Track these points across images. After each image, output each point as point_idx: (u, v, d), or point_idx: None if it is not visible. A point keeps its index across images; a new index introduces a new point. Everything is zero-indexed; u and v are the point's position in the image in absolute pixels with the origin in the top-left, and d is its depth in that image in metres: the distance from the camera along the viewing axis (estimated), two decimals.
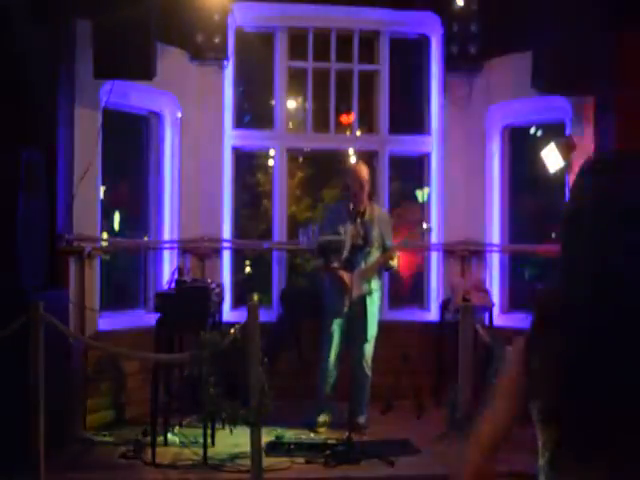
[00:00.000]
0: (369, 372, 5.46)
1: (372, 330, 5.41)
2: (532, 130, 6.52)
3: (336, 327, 5.41)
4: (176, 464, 4.66)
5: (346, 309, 5.28)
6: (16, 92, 4.85)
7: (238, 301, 6.55)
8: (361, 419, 5.40)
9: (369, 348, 5.42)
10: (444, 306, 6.32)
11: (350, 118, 6.87)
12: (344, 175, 5.56)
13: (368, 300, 5.25)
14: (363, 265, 5.32)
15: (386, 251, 5.42)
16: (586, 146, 5.73)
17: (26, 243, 4.51)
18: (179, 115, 6.28)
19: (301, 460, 4.70)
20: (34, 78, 4.93)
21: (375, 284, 5.41)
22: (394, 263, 5.47)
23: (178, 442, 5.06)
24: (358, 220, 5.28)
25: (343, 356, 5.49)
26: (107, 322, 5.66)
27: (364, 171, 5.41)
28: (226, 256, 6.48)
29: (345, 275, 5.29)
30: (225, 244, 6.44)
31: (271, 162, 6.93)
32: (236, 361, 4.42)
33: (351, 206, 5.36)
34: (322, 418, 5.45)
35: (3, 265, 4.44)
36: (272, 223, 6.66)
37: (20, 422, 4.13)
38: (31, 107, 4.92)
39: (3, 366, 4.26)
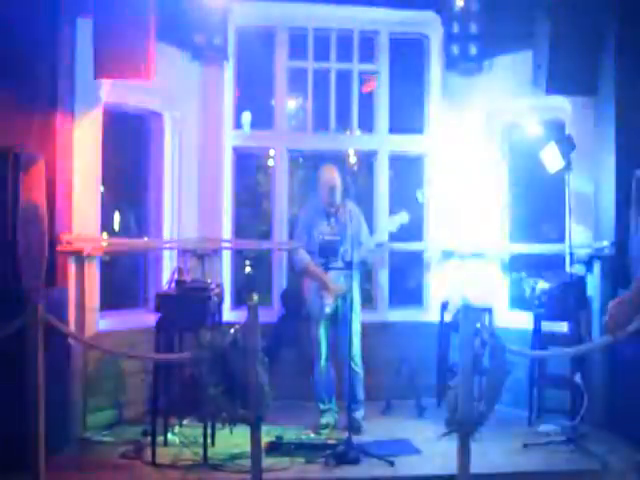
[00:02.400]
0: (358, 369, 5.46)
1: (355, 326, 5.41)
2: (532, 130, 6.52)
3: (322, 329, 5.45)
4: (176, 464, 4.66)
5: (328, 309, 5.36)
6: (16, 91, 4.85)
7: (238, 301, 6.55)
8: (358, 415, 5.40)
9: (355, 344, 5.43)
10: (444, 306, 6.32)
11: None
12: (316, 177, 5.68)
13: (347, 297, 5.27)
14: (335, 262, 5.35)
15: (361, 246, 5.48)
16: (586, 146, 5.74)
17: (26, 243, 4.50)
18: (179, 115, 6.28)
19: (301, 460, 4.70)
20: (34, 77, 4.93)
21: (353, 280, 5.41)
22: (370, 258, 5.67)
23: (178, 442, 5.06)
24: (332, 220, 5.45)
25: (334, 356, 5.51)
26: (107, 322, 5.66)
27: (332, 174, 5.51)
28: (226, 256, 6.48)
29: (323, 275, 5.36)
30: (225, 244, 6.44)
31: (271, 162, 6.93)
32: (236, 361, 4.42)
33: (323, 206, 5.53)
34: (324, 420, 5.45)
35: (3, 265, 4.43)
36: (272, 223, 6.66)
37: (20, 422, 4.12)
38: (31, 106, 4.91)
39: (3, 366, 4.26)
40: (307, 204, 5.85)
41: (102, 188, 5.74)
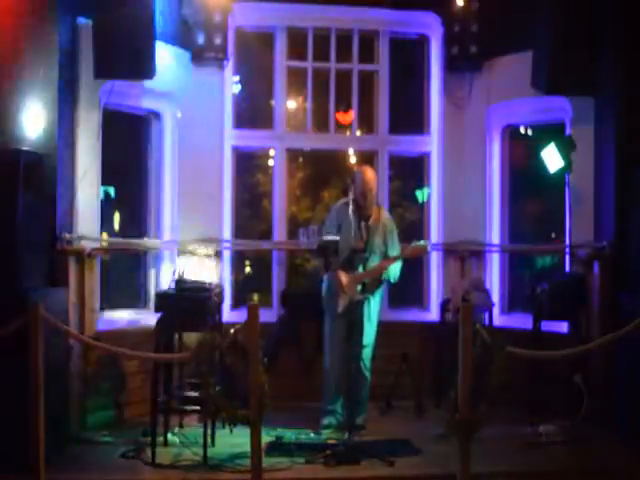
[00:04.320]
0: (368, 375, 5.44)
1: (370, 335, 5.37)
2: (532, 130, 6.53)
3: (336, 329, 5.38)
4: (176, 464, 4.65)
5: (340, 310, 5.24)
6: (17, 91, 4.85)
7: (238, 301, 6.56)
8: (359, 419, 5.39)
9: (367, 352, 5.39)
10: (444, 306, 6.32)
11: (348, 117, 6.85)
12: (353, 177, 5.38)
13: (366, 305, 5.21)
14: (360, 270, 5.22)
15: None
16: (586, 146, 5.74)
17: (26, 243, 4.51)
18: (179, 115, 6.28)
19: (301, 460, 4.69)
20: (34, 77, 4.94)
21: (373, 292, 5.34)
22: (388, 275, 5.33)
23: (178, 442, 5.06)
24: (362, 224, 5.19)
25: (344, 358, 5.48)
26: (107, 322, 5.66)
27: (373, 176, 5.30)
28: (226, 256, 6.48)
29: (343, 276, 5.24)
30: (225, 244, 6.44)
31: (271, 162, 6.93)
32: (236, 361, 4.42)
33: (355, 209, 5.23)
34: (327, 421, 5.44)
35: (3, 265, 4.43)
36: (272, 223, 6.66)
37: (20, 422, 4.12)
38: (31, 107, 4.92)
39: (3, 366, 4.26)
40: (341, 202, 5.54)
41: (102, 188, 5.74)
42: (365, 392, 5.47)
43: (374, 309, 5.39)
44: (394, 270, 5.36)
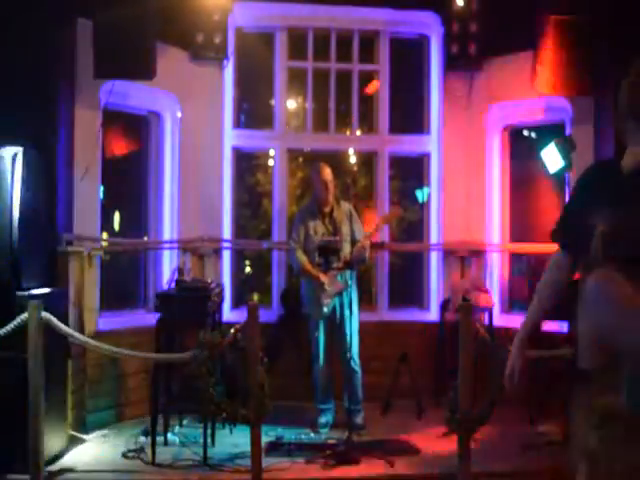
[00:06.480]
0: (358, 368, 5.46)
1: (354, 325, 5.41)
2: (532, 130, 6.52)
3: (320, 329, 5.45)
4: (176, 464, 4.66)
5: (326, 309, 5.36)
6: (16, 91, 4.85)
7: (238, 301, 6.56)
8: (358, 419, 5.41)
9: (354, 343, 5.43)
10: (444, 306, 6.32)
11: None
12: (310, 177, 5.70)
13: (345, 296, 5.28)
14: (336, 262, 5.37)
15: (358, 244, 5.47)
16: (586, 146, 5.73)
17: (26, 243, 4.51)
18: (179, 115, 6.28)
19: (301, 460, 4.70)
20: (34, 77, 4.93)
21: (351, 279, 5.42)
22: (367, 254, 5.49)
23: (178, 442, 5.06)
24: (326, 219, 5.46)
25: (332, 356, 5.51)
26: (107, 322, 5.66)
27: (326, 172, 5.50)
28: (226, 256, 6.48)
29: (320, 275, 5.37)
30: (225, 244, 6.44)
31: (271, 162, 6.93)
32: (236, 361, 4.42)
33: (317, 207, 5.52)
34: (323, 419, 5.45)
35: (3, 265, 4.43)
36: (272, 223, 6.67)
37: (20, 422, 4.12)
38: (31, 107, 4.91)
39: (3, 366, 4.26)
40: (303, 205, 5.84)
41: (102, 188, 5.74)
42: (359, 385, 5.47)
43: (353, 297, 5.43)
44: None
